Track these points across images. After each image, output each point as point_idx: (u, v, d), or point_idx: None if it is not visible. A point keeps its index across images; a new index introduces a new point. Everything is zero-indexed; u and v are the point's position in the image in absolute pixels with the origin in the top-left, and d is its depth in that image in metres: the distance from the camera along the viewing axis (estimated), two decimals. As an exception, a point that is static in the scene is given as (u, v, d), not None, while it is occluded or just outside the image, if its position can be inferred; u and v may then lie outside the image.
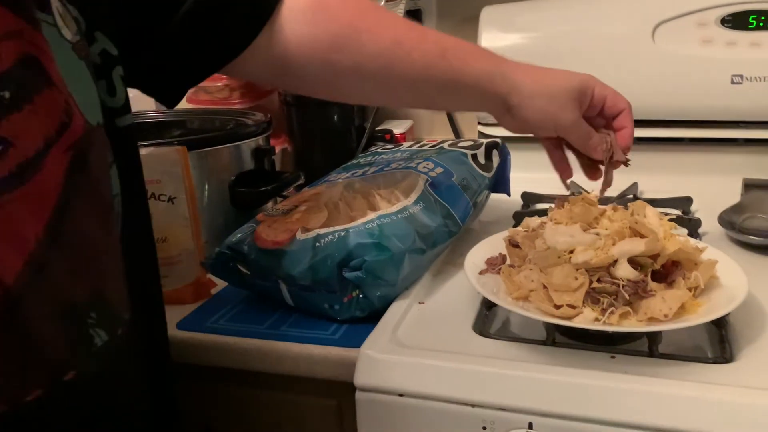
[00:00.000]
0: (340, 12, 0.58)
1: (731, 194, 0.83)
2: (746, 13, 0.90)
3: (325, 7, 0.58)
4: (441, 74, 0.59)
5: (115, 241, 0.43)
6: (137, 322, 0.45)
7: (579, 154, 0.67)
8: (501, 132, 0.99)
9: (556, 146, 0.67)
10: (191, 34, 0.55)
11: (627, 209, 0.62)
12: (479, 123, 1.04)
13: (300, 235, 0.63)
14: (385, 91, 0.61)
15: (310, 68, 0.59)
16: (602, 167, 0.66)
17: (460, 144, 0.84)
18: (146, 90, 0.60)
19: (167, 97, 0.61)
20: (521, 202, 0.89)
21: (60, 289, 0.37)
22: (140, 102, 1.15)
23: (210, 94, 1.13)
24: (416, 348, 0.55)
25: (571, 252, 0.56)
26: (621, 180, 0.90)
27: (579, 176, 0.94)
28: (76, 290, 0.38)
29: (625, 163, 0.65)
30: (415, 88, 0.60)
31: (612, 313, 0.53)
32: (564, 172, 0.69)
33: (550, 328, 0.55)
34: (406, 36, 0.59)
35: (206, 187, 0.79)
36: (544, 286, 0.56)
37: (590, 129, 0.63)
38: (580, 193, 0.88)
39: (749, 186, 0.84)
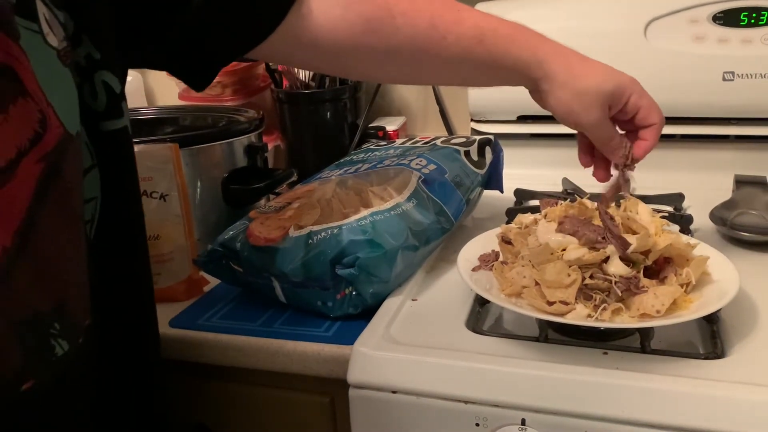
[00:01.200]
0: None
1: (723, 191, 0.84)
2: (738, 10, 0.90)
3: None
4: (477, 59, 0.58)
5: (82, 250, 0.42)
6: (123, 324, 0.45)
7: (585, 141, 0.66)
8: (494, 129, 0.99)
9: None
10: (218, 16, 0.54)
11: (618, 207, 0.63)
12: (472, 120, 1.04)
13: (293, 232, 0.63)
14: (418, 73, 0.61)
15: (342, 51, 0.57)
16: (613, 171, 0.66)
17: (452, 141, 0.84)
18: (174, 72, 0.58)
19: (196, 80, 0.59)
20: (514, 199, 0.89)
21: (23, 299, 0.37)
22: (132, 99, 1.15)
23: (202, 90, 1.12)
24: (409, 345, 0.55)
25: (564, 249, 0.56)
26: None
27: (574, 172, 0.94)
28: (39, 300, 0.38)
29: (631, 168, 0.65)
30: (449, 70, 0.60)
31: (604, 309, 0.53)
32: (586, 162, 0.68)
33: (543, 324, 0.55)
34: (442, 19, 0.57)
35: (198, 184, 0.79)
36: (537, 283, 0.56)
37: (612, 133, 0.62)
38: (572, 192, 0.89)
39: (741, 182, 0.85)
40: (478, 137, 0.86)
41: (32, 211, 0.36)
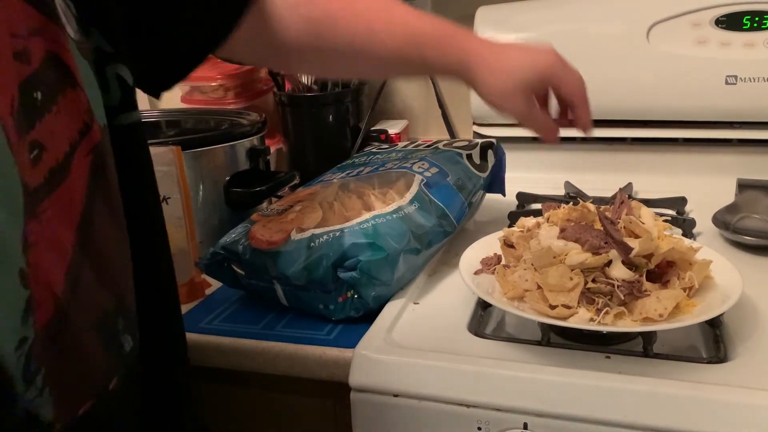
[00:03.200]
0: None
1: (725, 194, 0.84)
2: (740, 14, 0.90)
3: None
4: (412, 60, 0.62)
5: (127, 244, 0.42)
6: (155, 324, 0.45)
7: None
8: (496, 132, 0.99)
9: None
10: (175, 22, 0.54)
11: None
12: (474, 123, 1.04)
13: (295, 235, 0.63)
14: (362, 69, 0.68)
15: (295, 50, 0.62)
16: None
17: (455, 144, 0.84)
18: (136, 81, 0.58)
19: (156, 87, 0.58)
20: (516, 203, 0.89)
21: (92, 298, 0.37)
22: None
23: (205, 93, 1.12)
24: (411, 348, 0.55)
25: (566, 254, 0.56)
26: (616, 180, 0.91)
27: (576, 176, 0.94)
28: (104, 298, 0.38)
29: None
30: (388, 67, 0.66)
31: (607, 313, 0.53)
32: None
33: (545, 328, 0.55)
34: (380, 22, 0.61)
35: (201, 187, 0.79)
36: (539, 286, 0.56)
37: (541, 117, 0.63)
38: (574, 196, 0.88)
39: (743, 186, 0.84)
40: (480, 140, 0.86)
41: (87, 206, 0.36)
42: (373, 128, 1.12)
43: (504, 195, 0.87)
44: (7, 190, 0.31)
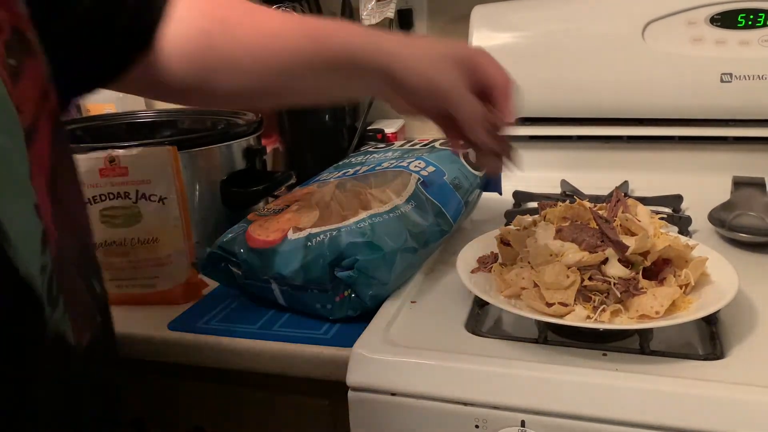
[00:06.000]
0: (206, 7, 0.57)
1: (721, 192, 0.84)
2: (735, 12, 0.90)
3: (191, 5, 0.57)
4: (313, 54, 0.56)
5: (84, 199, 0.47)
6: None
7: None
8: (492, 131, 0.99)
9: (446, 120, 0.60)
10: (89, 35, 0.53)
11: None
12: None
13: (291, 235, 0.63)
14: (263, 84, 0.58)
15: (189, 72, 0.57)
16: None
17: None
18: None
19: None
20: (513, 201, 0.90)
21: (68, 243, 0.39)
22: (131, 102, 1.15)
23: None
24: (408, 347, 0.55)
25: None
26: (612, 179, 0.91)
27: (573, 175, 0.94)
28: (75, 245, 0.41)
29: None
30: (291, 74, 0.57)
31: (603, 310, 0.53)
32: (455, 146, 0.63)
33: (542, 326, 0.55)
34: (275, 22, 0.57)
35: (197, 187, 0.79)
36: (536, 284, 0.56)
37: (477, 105, 0.56)
38: (571, 194, 0.89)
39: (739, 184, 0.85)
40: (476, 139, 0.86)
41: (53, 165, 0.38)
42: (369, 127, 1.12)
43: (500, 194, 0.87)
44: (16, 134, 0.34)
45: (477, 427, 0.51)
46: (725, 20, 0.91)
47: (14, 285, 0.34)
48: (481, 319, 0.60)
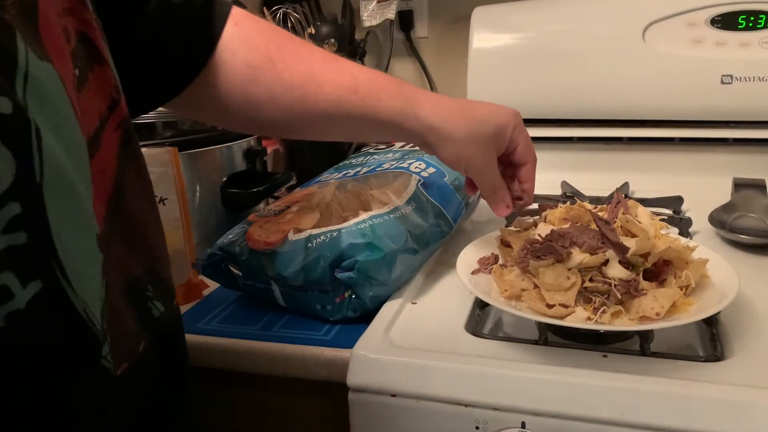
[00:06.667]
0: (257, 42, 0.57)
1: (721, 193, 0.84)
2: (736, 14, 0.90)
3: (244, 37, 0.57)
4: (353, 109, 0.57)
5: (157, 212, 0.44)
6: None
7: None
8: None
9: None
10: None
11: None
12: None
13: (292, 236, 0.63)
14: (303, 123, 0.59)
15: (233, 101, 0.57)
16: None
17: (452, 144, 0.84)
18: None
19: None
20: (513, 202, 0.89)
21: (123, 265, 0.38)
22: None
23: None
24: (409, 348, 0.55)
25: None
26: (612, 180, 0.91)
27: (573, 176, 0.94)
28: (134, 265, 0.40)
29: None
30: (330, 120, 0.58)
31: (604, 312, 0.53)
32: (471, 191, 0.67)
33: (543, 327, 0.55)
34: (320, 68, 0.57)
35: (197, 188, 0.79)
36: (536, 286, 0.56)
37: (499, 181, 0.61)
38: (571, 195, 0.89)
39: (739, 185, 0.85)
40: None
41: (119, 178, 0.38)
42: (369, 129, 1.12)
43: (501, 195, 0.87)
44: (79, 148, 0.34)
45: (477, 428, 0.51)
46: (726, 22, 0.91)
47: (72, 324, 0.32)
48: (481, 320, 0.60)
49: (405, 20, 1.20)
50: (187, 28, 0.54)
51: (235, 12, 0.57)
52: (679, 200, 0.85)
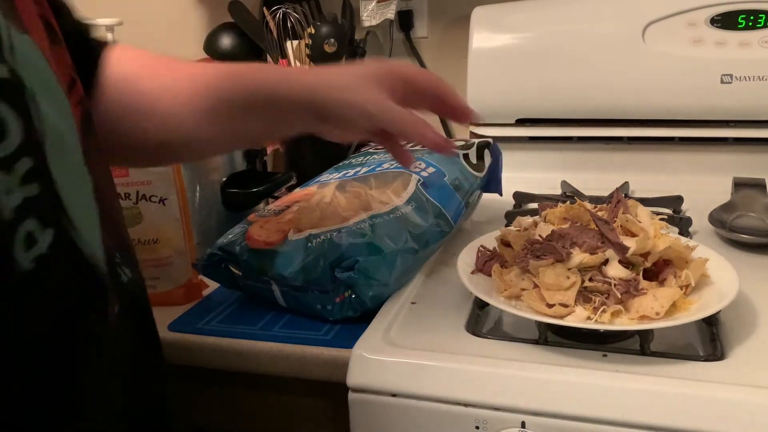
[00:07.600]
0: (139, 56, 0.57)
1: (721, 193, 0.84)
2: (735, 13, 0.90)
3: (125, 53, 0.57)
4: (233, 92, 0.55)
5: (115, 188, 0.47)
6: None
7: None
8: (493, 132, 0.99)
9: (386, 138, 0.60)
10: None
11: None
12: (471, 123, 1.04)
13: (292, 236, 0.63)
14: (192, 128, 0.56)
15: (116, 118, 0.55)
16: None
17: (451, 144, 0.84)
18: None
19: None
20: (513, 202, 0.90)
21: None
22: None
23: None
24: (409, 348, 0.55)
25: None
26: (612, 180, 0.91)
27: (573, 175, 0.94)
28: (105, 232, 0.41)
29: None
30: (216, 115, 0.55)
31: (604, 311, 0.53)
32: (406, 160, 0.62)
33: (543, 327, 0.55)
34: (196, 69, 0.57)
35: (197, 188, 0.79)
36: (536, 285, 0.56)
37: (409, 114, 0.54)
38: (571, 195, 0.89)
39: (739, 185, 0.85)
40: (476, 140, 0.86)
41: (86, 154, 0.39)
42: (369, 129, 1.12)
43: (501, 195, 0.87)
44: (68, 116, 0.36)
45: (477, 428, 0.51)
46: (725, 21, 0.91)
47: (83, 269, 0.36)
48: (481, 320, 0.60)
49: (405, 20, 1.20)
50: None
51: (112, 46, 0.57)
52: (679, 200, 0.85)
